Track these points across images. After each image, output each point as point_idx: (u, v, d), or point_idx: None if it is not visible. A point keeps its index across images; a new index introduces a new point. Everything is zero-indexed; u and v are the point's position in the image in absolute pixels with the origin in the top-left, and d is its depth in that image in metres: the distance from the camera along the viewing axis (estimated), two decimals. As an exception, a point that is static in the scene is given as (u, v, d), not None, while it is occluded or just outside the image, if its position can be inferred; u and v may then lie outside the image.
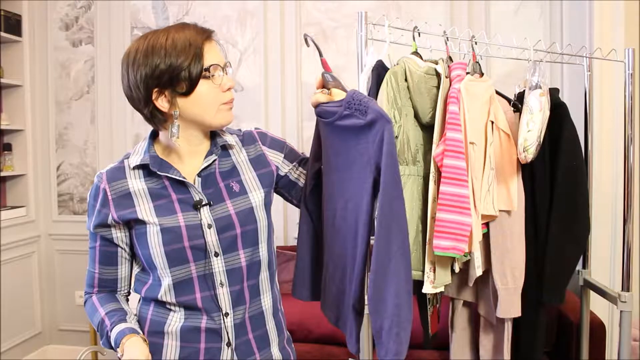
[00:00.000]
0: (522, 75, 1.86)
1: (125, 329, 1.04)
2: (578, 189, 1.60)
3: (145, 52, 1.00)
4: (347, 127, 0.98)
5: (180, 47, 1.00)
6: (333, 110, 1.01)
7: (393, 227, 0.94)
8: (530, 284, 1.57)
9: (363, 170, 0.96)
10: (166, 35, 1.01)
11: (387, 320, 0.94)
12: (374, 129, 0.93)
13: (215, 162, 1.11)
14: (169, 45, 1.00)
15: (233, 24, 2.93)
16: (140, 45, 1.02)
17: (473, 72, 1.52)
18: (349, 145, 0.99)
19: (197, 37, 1.02)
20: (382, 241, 0.94)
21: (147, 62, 1.00)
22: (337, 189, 1.05)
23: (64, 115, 3.18)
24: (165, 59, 0.99)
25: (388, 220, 0.94)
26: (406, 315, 0.95)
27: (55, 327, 3.24)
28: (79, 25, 3.13)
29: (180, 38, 1.01)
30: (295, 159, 1.21)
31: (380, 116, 0.93)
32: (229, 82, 1.06)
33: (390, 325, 0.93)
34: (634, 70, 1.69)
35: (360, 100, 0.96)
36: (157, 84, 1.01)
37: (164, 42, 1.00)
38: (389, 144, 0.91)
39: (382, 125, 0.92)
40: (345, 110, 0.98)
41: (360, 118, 0.95)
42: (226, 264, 1.07)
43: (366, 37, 1.52)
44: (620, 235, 1.76)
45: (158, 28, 1.06)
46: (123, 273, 1.14)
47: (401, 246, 0.94)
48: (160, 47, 1.00)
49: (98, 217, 1.08)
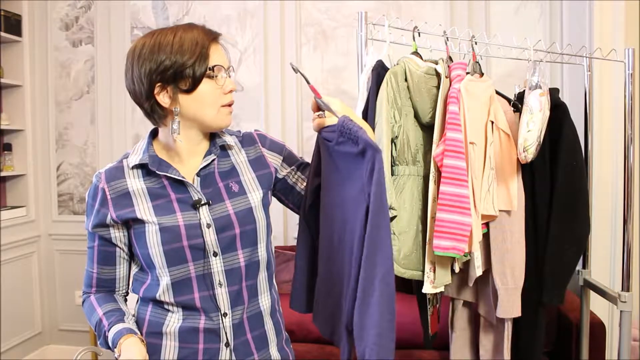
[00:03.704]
0: (522, 75, 1.86)
1: (123, 329, 1.04)
2: (578, 189, 1.59)
3: (151, 48, 1.02)
4: (346, 153, 1.00)
5: (187, 45, 1.02)
6: (330, 137, 1.03)
7: (378, 258, 0.95)
8: (530, 284, 1.56)
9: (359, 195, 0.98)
10: (174, 33, 1.03)
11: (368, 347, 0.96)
12: (366, 158, 0.95)
13: (214, 162, 1.11)
14: (176, 43, 1.01)
15: (233, 24, 2.93)
16: (147, 40, 1.03)
17: (473, 72, 1.52)
18: (349, 169, 1.01)
19: (205, 38, 1.04)
20: (366, 272, 0.96)
21: (152, 57, 1.01)
22: (337, 208, 1.06)
23: (64, 115, 3.18)
24: (171, 56, 1.01)
25: (373, 251, 0.95)
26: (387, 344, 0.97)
27: (55, 327, 3.24)
28: (79, 25, 3.13)
29: (187, 37, 1.02)
30: (294, 163, 1.21)
31: (370, 146, 0.94)
32: (230, 85, 1.07)
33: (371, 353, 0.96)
34: (634, 70, 1.70)
35: (350, 129, 0.97)
36: (161, 78, 1.02)
37: (171, 39, 1.02)
38: (378, 172, 0.93)
39: (372, 154, 0.94)
40: (339, 137, 1.00)
41: (353, 146, 0.97)
42: (225, 264, 1.07)
43: (366, 37, 1.52)
44: (620, 235, 1.76)
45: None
46: (121, 273, 1.14)
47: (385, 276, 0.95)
48: (167, 44, 1.02)
49: (97, 216, 1.08)
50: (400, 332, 2.22)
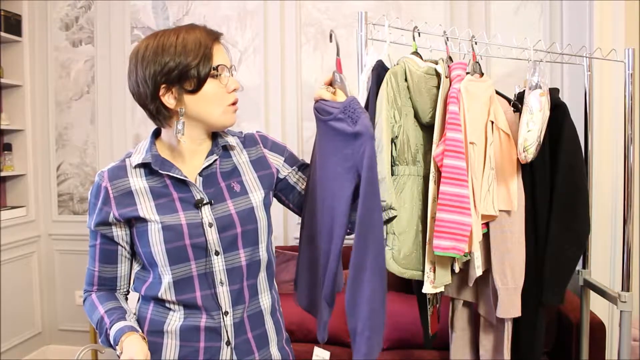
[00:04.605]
0: (522, 75, 1.86)
1: (124, 327, 1.04)
2: (578, 189, 1.60)
3: (155, 50, 1.03)
4: (337, 130, 1.02)
5: (190, 46, 1.02)
6: (330, 110, 1.04)
7: (370, 238, 0.99)
8: (530, 284, 1.57)
9: (346, 174, 1.00)
10: (177, 35, 1.04)
11: (360, 323, 1.00)
12: (359, 141, 0.98)
13: (217, 162, 1.12)
14: (180, 44, 1.02)
15: (233, 24, 2.93)
16: (151, 42, 1.04)
17: (473, 72, 1.52)
18: (337, 147, 1.03)
19: (207, 38, 1.05)
20: (359, 251, 0.99)
21: (157, 59, 1.02)
22: (320, 185, 1.09)
23: (64, 115, 3.18)
24: (175, 57, 1.01)
25: (365, 231, 0.99)
26: (378, 321, 1.00)
27: (55, 327, 3.24)
28: (79, 25, 3.14)
29: (190, 38, 1.03)
30: (295, 164, 1.22)
31: (366, 131, 0.97)
32: (234, 84, 1.08)
33: (363, 328, 0.99)
34: (634, 70, 1.70)
35: (355, 109, 1.00)
36: (166, 80, 1.02)
37: (174, 41, 1.03)
38: (370, 158, 0.96)
39: (366, 140, 0.97)
40: (340, 114, 1.02)
41: (350, 125, 0.99)
42: (226, 263, 1.08)
43: (366, 37, 1.53)
44: (620, 235, 1.77)
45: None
46: (123, 271, 1.15)
47: (377, 256, 0.99)
48: (171, 45, 1.02)
49: (99, 215, 1.08)
50: (400, 332, 2.23)
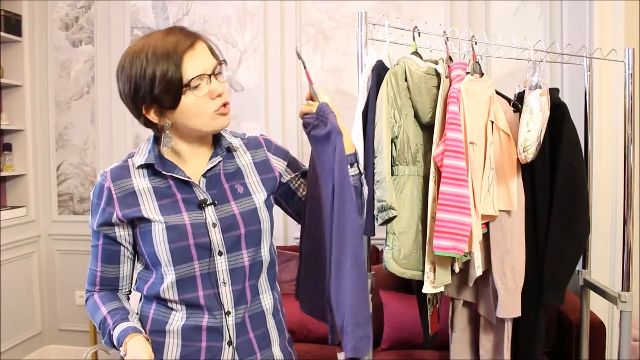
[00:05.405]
0: (522, 75, 1.86)
1: (128, 328, 1.04)
2: (578, 189, 1.60)
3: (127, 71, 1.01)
4: (318, 137, 1.06)
5: (156, 71, 0.98)
6: (309, 121, 1.09)
7: (347, 229, 1.00)
8: (530, 284, 1.57)
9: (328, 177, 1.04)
10: (145, 57, 0.99)
11: (346, 317, 1.00)
12: (330, 140, 1.02)
13: (220, 163, 1.12)
14: (147, 69, 0.98)
15: (233, 24, 2.93)
16: (125, 60, 1.02)
17: (473, 72, 1.52)
18: (319, 152, 1.07)
19: (178, 47, 0.99)
20: (337, 243, 1.01)
21: (129, 80, 1.01)
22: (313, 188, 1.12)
23: (64, 115, 3.18)
24: (142, 83, 0.99)
25: (342, 223, 1.01)
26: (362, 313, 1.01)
27: (55, 327, 3.24)
28: (79, 25, 3.13)
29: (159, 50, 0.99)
30: (298, 170, 1.23)
31: (333, 129, 1.02)
32: (218, 88, 1.03)
33: (347, 323, 0.99)
34: (634, 70, 1.70)
35: (325, 112, 1.04)
36: (142, 100, 1.02)
37: (139, 67, 0.99)
38: (340, 153, 1.01)
39: (334, 137, 1.02)
40: (315, 121, 1.06)
41: (322, 129, 1.04)
42: (229, 263, 1.08)
43: (366, 37, 1.53)
44: (620, 235, 1.76)
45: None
46: (125, 272, 1.15)
47: (355, 246, 1.00)
48: (137, 71, 0.99)
49: (102, 215, 1.08)
50: (400, 332, 2.23)
